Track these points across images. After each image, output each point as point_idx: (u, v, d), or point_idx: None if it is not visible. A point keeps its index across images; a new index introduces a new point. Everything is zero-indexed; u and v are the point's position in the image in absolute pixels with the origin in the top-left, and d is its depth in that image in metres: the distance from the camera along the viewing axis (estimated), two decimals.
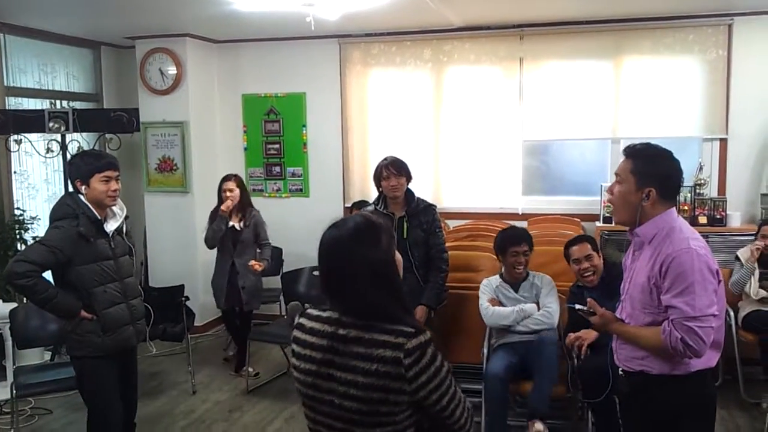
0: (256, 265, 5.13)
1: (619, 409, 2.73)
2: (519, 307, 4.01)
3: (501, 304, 4.09)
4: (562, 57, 5.95)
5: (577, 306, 2.75)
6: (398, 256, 1.88)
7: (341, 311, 1.78)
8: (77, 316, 3.21)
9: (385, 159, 4.20)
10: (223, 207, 5.13)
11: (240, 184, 5.27)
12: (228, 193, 5.16)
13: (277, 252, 6.03)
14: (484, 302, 4.10)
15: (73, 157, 3.45)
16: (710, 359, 2.37)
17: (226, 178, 5.27)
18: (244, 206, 5.27)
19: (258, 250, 5.36)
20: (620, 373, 2.55)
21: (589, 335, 3.55)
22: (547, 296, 4.06)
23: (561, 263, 4.84)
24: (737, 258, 4.82)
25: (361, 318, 1.75)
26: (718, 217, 5.40)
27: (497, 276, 4.24)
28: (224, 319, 5.73)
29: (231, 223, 5.21)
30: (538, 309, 4.02)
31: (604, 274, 3.93)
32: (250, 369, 5.27)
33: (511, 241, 4.12)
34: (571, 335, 3.62)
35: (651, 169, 2.37)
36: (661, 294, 2.30)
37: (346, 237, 1.78)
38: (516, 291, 4.12)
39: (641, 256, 2.43)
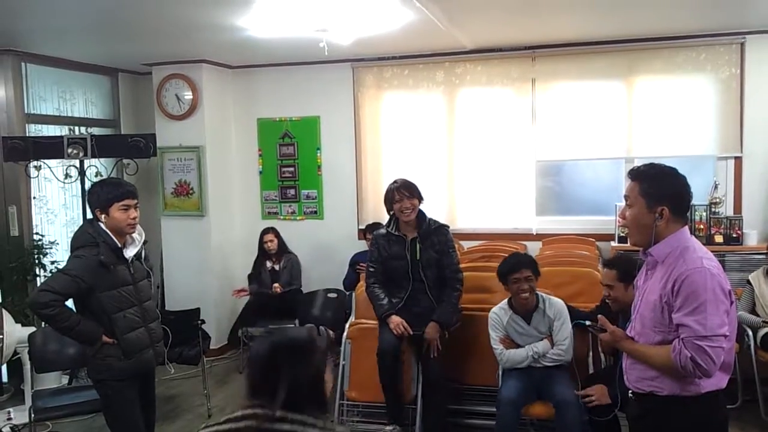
0: (278, 288, 5.87)
1: None
2: (533, 351, 3.87)
3: (513, 340, 3.98)
4: (574, 77, 5.97)
5: (588, 323, 2.75)
6: (330, 377, 1.89)
7: (258, 404, 1.76)
8: (98, 342, 3.25)
9: (395, 182, 4.20)
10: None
11: (277, 234, 6.16)
12: (269, 244, 6.09)
13: None
14: (495, 342, 4.00)
15: (92, 186, 3.50)
16: (720, 380, 2.35)
17: (266, 231, 6.18)
18: (281, 252, 6.12)
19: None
20: (630, 395, 2.54)
21: (601, 398, 3.54)
22: (561, 330, 3.91)
23: (577, 284, 4.82)
24: (749, 282, 4.78)
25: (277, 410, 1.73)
26: (734, 235, 5.36)
27: (506, 304, 4.07)
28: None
29: (270, 265, 6.12)
30: (552, 344, 3.90)
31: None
32: None
33: (510, 269, 3.97)
34: (589, 390, 3.60)
35: (660, 189, 2.37)
36: (673, 312, 2.30)
37: (277, 347, 1.81)
38: (528, 323, 3.97)
39: (654, 275, 2.42)
